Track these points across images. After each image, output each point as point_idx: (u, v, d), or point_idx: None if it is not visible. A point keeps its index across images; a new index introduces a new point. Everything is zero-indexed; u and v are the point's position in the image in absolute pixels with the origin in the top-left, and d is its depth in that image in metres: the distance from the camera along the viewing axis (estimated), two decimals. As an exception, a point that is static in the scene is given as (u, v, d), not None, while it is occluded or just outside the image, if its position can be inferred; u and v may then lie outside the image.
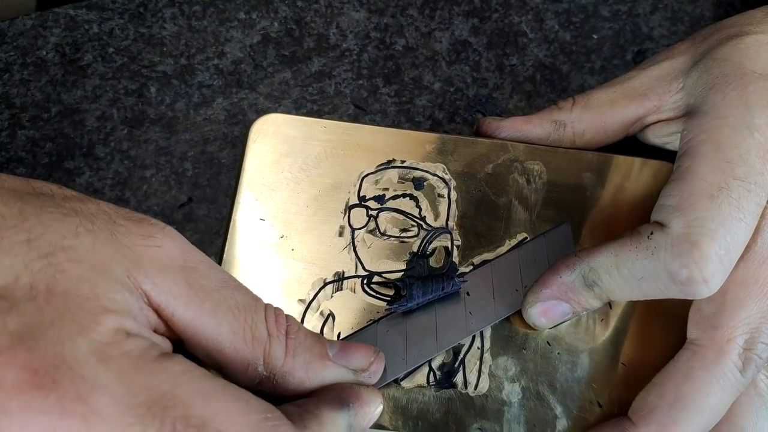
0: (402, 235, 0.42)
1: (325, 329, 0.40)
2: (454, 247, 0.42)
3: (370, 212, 0.43)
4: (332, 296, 0.41)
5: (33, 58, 0.49)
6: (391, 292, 0.41)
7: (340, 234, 0.42)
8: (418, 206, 0.43)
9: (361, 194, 0.43)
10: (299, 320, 0.40)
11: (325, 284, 0.41)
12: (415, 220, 0.43)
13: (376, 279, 0.41)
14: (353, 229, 0.42)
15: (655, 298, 0.38)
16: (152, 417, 0.28)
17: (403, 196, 0.43)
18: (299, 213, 0.42)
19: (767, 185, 0.38)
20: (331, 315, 0.40)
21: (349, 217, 0.43)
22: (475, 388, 0.39)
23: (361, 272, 0.41)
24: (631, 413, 0.39)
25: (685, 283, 0.37)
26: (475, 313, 0.40)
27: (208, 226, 0.45)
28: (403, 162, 0.44)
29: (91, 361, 0.28)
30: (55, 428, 0.26)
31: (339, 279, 0.41)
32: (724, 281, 0.37)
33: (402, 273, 0.41)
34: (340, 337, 0.40)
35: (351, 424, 0.34)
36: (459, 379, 0.39)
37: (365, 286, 0.41)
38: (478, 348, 0.40)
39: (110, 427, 0.27)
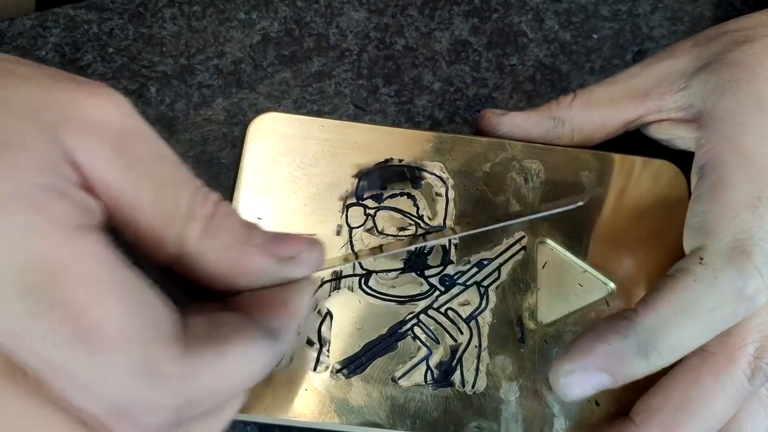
0: (400, 233, 0.42)
1: (323, 328, 0.40)
2: (452, 245, 0.42)
3: (368, 211, 0.43)
4: (330, 295, 0.41)
5: (33, 58, 0.49)
6: (392, 291, 0.41)
7: (338, 233, 0.42)
8: (415, 205, 0.43)
9: (359, 193, 0.43)
10: (297, 319, 0.40)
11: (323, 283, 0.41)
12: (413, 218, 0.43)
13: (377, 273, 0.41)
14: (351, 228, 0.42)
15: (722, 329, 0.37)
16: (33, 290, 0.26)
17: (401, 194, 0.43)
18: (297, 212, 0.42)
19: None
20: (329, 314, 0.40)
21: (346, 215, 0.43)
22: (473, 387, 0.39)
23: (359, 271, 0.41)
24: (633, 414, 0.38)
25: (753, 297, 0.36)
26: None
27: (208, 225, 0.45)
28: (401, 161, 0.44)
29: None
30: None
31: (337, 278, 0.41)
32: None
33: (399, 271, 0.41)
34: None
35: (269, 354, 0.31)
36: (456, 377, 0.39)
37: (363, 284, 0.41)
38: (476, 346, 0.40)
39: None
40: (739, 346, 0.37)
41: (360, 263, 0.41)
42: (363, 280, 0.41)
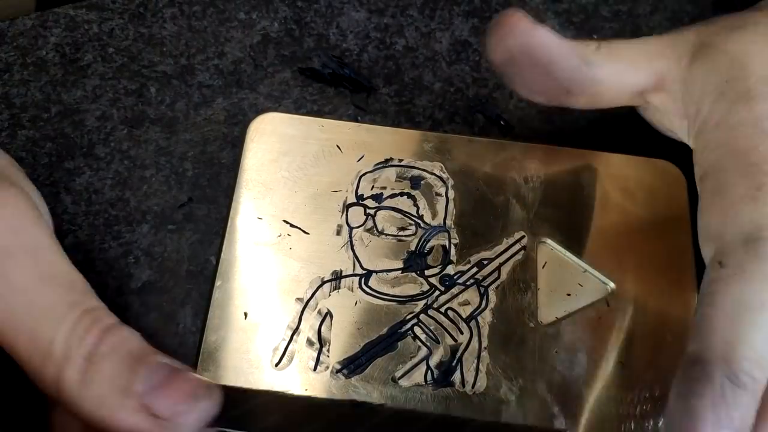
0: (400, 233, 0.42)
1: (323, 328, 0.40)
2: (452, 245, 0.42)
3: (368, 211, 0.43)
4: (330, 295, 0.41)
5: (33, 58, 0.49)
6: (392, 291, 0.41)
7: (338, 233, 0.42)
8: (415, 205, 0.43)
9: (359, 193, 0.43)
10: (297, 320, 0.40)
11: (323, 283, 0.41)
12: (413, 218, 0.43)
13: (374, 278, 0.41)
14: (351, 228, 0.42)
15: None
16: None
17: (401, 194, 0.43)
18: (297, 211, 0.42)
19: None
20: (328, 314, 0.40)
21: (346, 215, 0.43)
22: (473, 387, 0.39)
23: (359, 271, 0.41)
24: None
25: None
26: None
27: (208, 226, 0.45)
28: (400, 161, 0.44)
29: None
30: None
31: (337, 278, 0.41)
32: None
33: (399, 271, 0.41)
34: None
35: None
36: (456, 377, 0.39)
37: (363, 284, 0.41)
38: (476, 346, 0.40)
39: None
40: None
41: (360, 263, 0.41)
42: (363, 280, 0.41)
